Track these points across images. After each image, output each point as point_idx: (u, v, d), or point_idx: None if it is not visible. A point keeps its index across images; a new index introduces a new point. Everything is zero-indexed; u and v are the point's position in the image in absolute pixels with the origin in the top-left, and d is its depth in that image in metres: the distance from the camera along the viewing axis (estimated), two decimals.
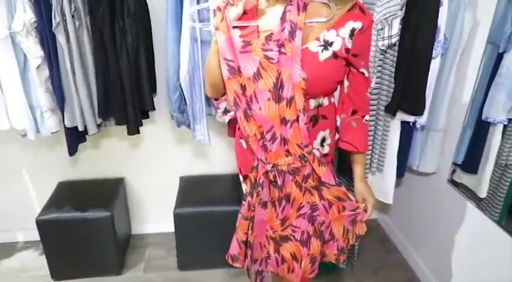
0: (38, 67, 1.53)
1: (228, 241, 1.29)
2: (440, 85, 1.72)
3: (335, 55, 1.08)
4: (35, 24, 1.47)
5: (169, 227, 2.01)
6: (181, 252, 2.05)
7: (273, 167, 1.14)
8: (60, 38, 1.49)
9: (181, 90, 1.59)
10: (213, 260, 2.01)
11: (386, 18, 1.50)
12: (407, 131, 1.80)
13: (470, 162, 1.70)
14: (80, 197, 2.03)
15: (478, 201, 1.62)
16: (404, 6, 1.51)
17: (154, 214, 2.33)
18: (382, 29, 1.53)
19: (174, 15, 1.51)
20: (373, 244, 2.31)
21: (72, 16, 1.48)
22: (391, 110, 1.67)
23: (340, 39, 1.08)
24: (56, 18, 1.45)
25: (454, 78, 1.72)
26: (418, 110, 1.64)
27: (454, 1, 1.61)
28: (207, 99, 1.65)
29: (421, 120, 1.71)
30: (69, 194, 2.09)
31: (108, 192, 2.09)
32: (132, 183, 2.25)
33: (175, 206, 1.96)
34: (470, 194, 1.68)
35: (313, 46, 1.08)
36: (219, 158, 2.20)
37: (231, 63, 1.06)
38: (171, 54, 1.57)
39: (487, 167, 1.55)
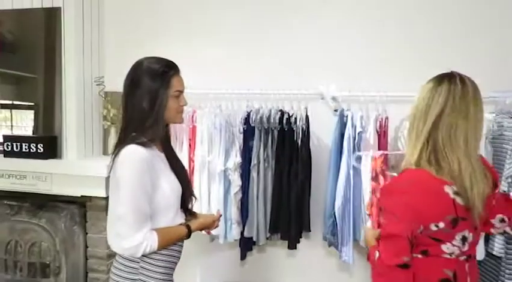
0: (235, 192, 2.21)
1: None
2: None
3: None
4: (240, 164, 2.21)
5: None
6: None
7: None
8: (254, 174, 2.19)
9: (335, 217, 2.05)
10: None
11: None
12: None
13: None
14: None
15: None
16: None
17: None
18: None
19: (335, 165, 2.09)
20: None
21: (264, 160, 2.18)
22: None
23: None
24: (254, 161, 2.17)
25: None
26: None
27: None
28: (354, 226, 2.06)
29: None
30: None
31: None
32: None
33: None
34: None
35: None
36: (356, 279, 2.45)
37: None
38: (330, 190, 2.10)
39: None
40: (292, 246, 2.20)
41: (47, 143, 2.50)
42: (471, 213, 1.19)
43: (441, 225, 1.17)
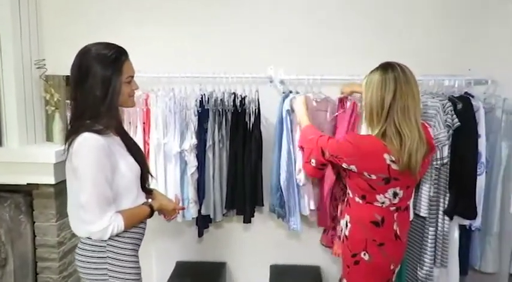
0: (192, 173, 2.29)
1: None
2: (490, 196, 2.17)
3: None
4: (195, 145, 2.28)
5: None
6: None
7: None
8: (209, 155, 2.28)
9: (281, 190, 2.23)
10: None
11: (437, 145, 2.06)
12: (465, 232, 2.19)
13: None
14: (189, 277, 2.55)
15: None
16: (451, 137, 2.08)
17: None
18: (434, 153, 2.08)
19: (278, 142, 2.26)
20: None
21: (219, 141, 2.28)
22: (448, 213, 2.11)
23: None
24: (209, 142, 2.26)
25: (500, 191, 2.16)
26: (470, 215, 2.07)
27: (492, 134, 2.16)
28: (299, 197, 2.26)
29: (476, 224, 2.12)
30: (183, 273, 2.62)
31: (213, 274, 2.61)
32: (231, 268, 2.76)
33: None
34: None
35: None
36: (307, 250, 2.67)
37: None
38: (275, 166, 2.27)
39: None
40: (247, 220, 2.36)
41: None
42: (412, 171, 1.50)
43: (373, 176, 1.54)
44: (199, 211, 2.36)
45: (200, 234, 2.44)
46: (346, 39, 2.47)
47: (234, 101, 2.29)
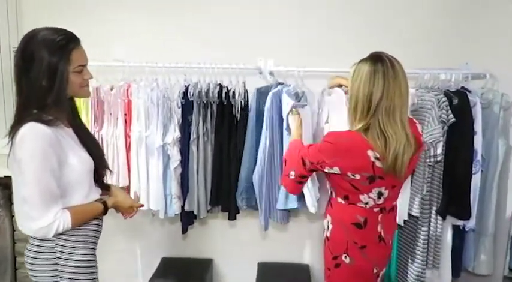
0: (175, 167, 2.20)
1: None
2: (485, 196, 2.08)
3: None
4: (179, 138, 2.19)
5: None
6: None
7: None
8: (193, 148, 2.18)
9: (252, 184, 2.14)
10: None
11: (431, 142, 1.97)
12: (459, 233, 2.10)
13: None
14: (175, 273, 2.46)
15: None
16: (445, 134, 1.98)
17: None
18: (428, 150, 1.99)
19: (254, 137, 2.17)
20: None
21: (203, 134, 2.18)
22: (441, 213, 2.02)
23: None
24: (194, 135, 2.16)
25: (496, 191, 2.06)
26: (464, 215, 1.98)
27: (488, 130, 2.06)
28: (269, 194, 2.16)
29: (470, 224, 2.03)
30: (169, 269, 2.54)
31: (199, 270, 2.52)
32: (218, 265, 2.69)
33: None
34: None
35: None
36: (296, 248, 2.59)
37: None
38: (248, 160, 2.19)
39: None
40: (232, 217, 2.27)
41: None
42: (397, 173, 1.40)
43: (357, 176, 1.43)
44: (182, 207, 2.27)
45: (184, 231, 2.35)
46: (337, 31, 2.36)
47: (219, 92, 2.18)
